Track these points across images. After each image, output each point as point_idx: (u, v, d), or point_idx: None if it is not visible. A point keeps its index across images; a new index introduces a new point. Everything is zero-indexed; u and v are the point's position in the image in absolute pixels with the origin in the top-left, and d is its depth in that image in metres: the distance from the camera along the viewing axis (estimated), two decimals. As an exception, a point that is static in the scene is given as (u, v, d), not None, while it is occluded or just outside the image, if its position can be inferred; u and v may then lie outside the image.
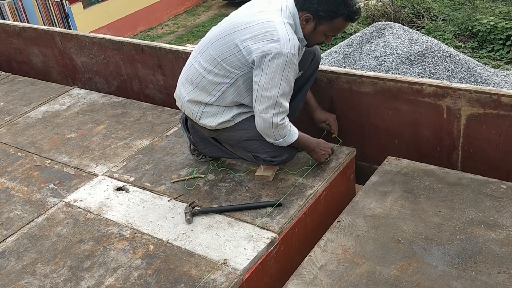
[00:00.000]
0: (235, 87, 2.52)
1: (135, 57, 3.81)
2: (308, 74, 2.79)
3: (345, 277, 2.11)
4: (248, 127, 2.61)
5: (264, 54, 2.35)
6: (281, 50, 2.33)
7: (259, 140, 2.62)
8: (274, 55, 2.34)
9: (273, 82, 2.38)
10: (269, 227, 2.40)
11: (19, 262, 2.40)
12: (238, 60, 2.44)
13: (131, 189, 2.78)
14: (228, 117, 2.60)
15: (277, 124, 2.48)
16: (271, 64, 2.35)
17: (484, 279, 2.02)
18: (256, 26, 2.40)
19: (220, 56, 2.48)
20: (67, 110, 3.72)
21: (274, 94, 2.41)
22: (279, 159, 2.63)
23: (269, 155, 2.63)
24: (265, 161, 2.66)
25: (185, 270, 2.23)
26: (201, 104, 2.60)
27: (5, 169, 3.12)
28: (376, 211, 2.44)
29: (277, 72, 2.36)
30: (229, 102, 2.57)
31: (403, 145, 2.96)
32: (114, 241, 2.44)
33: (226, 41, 2.46)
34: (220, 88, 2.53)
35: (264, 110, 2.45)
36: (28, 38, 4.49)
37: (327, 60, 9.00)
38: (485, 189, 2.48)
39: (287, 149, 2.63)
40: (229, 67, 2.47)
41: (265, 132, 2.53)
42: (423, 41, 8.56)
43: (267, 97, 2.42)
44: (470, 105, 2.64)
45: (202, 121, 2.63)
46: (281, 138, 2.55)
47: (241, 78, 2.48)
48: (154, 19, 15.04)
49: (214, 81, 2.53)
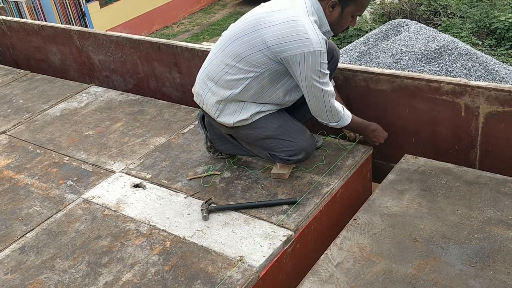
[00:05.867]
0: (259, 80, 2.51)
1: (152, 55, 3.84)
2: None
3: (361, 275, 2.10)
4: (266, 125, 2.62)
5: (298, 54, 2.38)
6: (314, 49, 2.37)
7: (276, 139, 2.62)
8: (308, 54, 2.37)
9: (313, 77, 2.43)
10: (285, 224, 2.41)
11: (38, 257, 2.43)
12: (266, 56, 2.43)
13: (148, 186, 2.80)
14: (246, 116, 2.60)
15: (330, 108, 2.56)
16: (307, 62, 2.39)
17: (503, 278, 2.00)
18: (284, 25, 2.40)
19: (245, 52, 2.47)
20: (85, 108, 3.76)
21: (316, 85, 2.47)
22: (296, 158, 2.64)
23: (286, 154, 2.63)
24: (282, 159, 2.66)
25: (202, 266, 2.24)
26: (221, 100, 2.60)
27: (24, 165, 3.17)
28: (393, 210, 2.43)
29: (315, 69, 2.41)
30: (249, 96, 2.56)
31: (420, 143, 2.94)
32: (131, 237, 2.46)
33: (252, 38, 2.46)
34: (243, 82, 2.52)
35: (315, 98, 2.51)
36: (46, 37, 4.54)
37: (342, 58, 8.96)
38: (504, 188, 2.45)
39: (304, 148, 2.63)
40: (254, 63, 2.47)
41: (320, 116, 2.61)
42: (440, 38, 8.48)
43: (314, 87, 2.48)
44: (489, 103, 2.61)
45: (220, 118, 2.64)
46: (336, 121, 2.63)
47: (267, 72, 2.49)
48: (169, 18, 15.10)
49: (236, 77, 2.52)
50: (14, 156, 3.28)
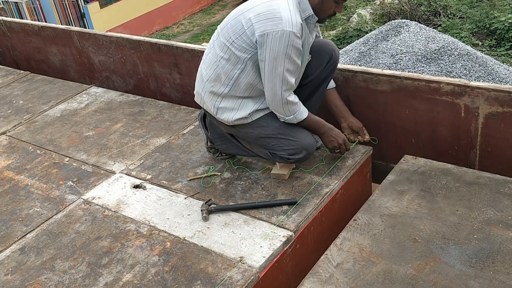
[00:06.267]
0: (246, 73, 2.54)
1: (152, 56, 3.84)
2: (324, 75, 2.78)
3: (361, 275, 2.11)
4: (266, 124, 2.63)
5: (266, 33, 2.40)
6: (283, 29, 2.38)
7: (277, 138, 2.63)
8: (276, 33, 2.38)
9: (277, 61, 2.43)
10: (285, 225, 2.41)
11: (39, 258, 2.43)
12: (244, 41, 2.47)
13: (148, 186, 2.81)
14: (245, 114, 2.61)
15: (286, 101, 2.53)
16: (273, 42, 2.40)
17: (502, 279, 2.01)
18: (260, 6, 2.46)
19: (228, 40, 2.52)
20: (85, 109, 3.76)
21: (279, 72, 2.46)
22: (296, 157, 2.64)
23: (286, 153, 2.63)
24: (282, 158, 2.66)
25: (202, 267, 2.24)
26: (217, 96, 2.62)
27: (24, 166, 3.17)
28: (393, 210, 2.43)
29: (279, 51, 2.41)
30: (243, 90, 2.59)
31: (420, 143, 2.94)
32: (131, 238, 2.47)
33: (234, 24, 2.52)
34: (232, 76, 2.56)
35: (273, 87, 2.50)
36: (46, 37, 4.54)
37: (342, 59, 8.97)
38: (503, 188, 2.46)
39: (305, 147, 2.63)
40: (237, 52, 2.50)
41: (276, 109, 2.58)
42: (439, 39, 8.48)
43: (273, 75, 2.47)
44: (488, 103, 2.61)
45: (220, 116, 2.66)
46: (291, 114, 2.59)
47: (249, 62, 2.51)
48: (169, 18, 15.11)
49: (226, 68, 2.56)
50: (14, 157, 3.28)
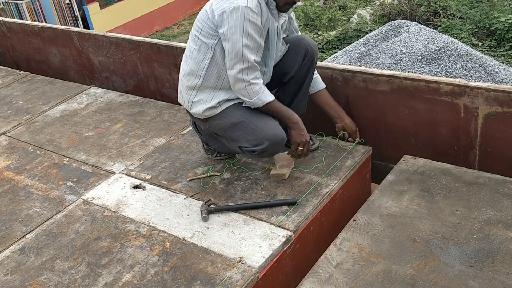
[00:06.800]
0: (215, 61, 2.59)
1: (152, 57, 3.84)
2: (304, 71, 2.78)
3: (360, 275, 2.11)
4: (232, 113, 2.63)
5: (223, 11, 2.47)
6: (238, 5, 2.44)
7: (240, 127, 2.60)
8: (231, 10, 2.45)
9: (236, 36, 2.46)
10: (284, 225, 2.41)
11: (38, 258, 2.44)
12: (209, 27, 2.54)
13: (148, 187, 2.81)
14: (214, 103, 2.63)
15: (248, 81, 2.52)
16: (230, 18, 2.45)
17: (502, 278, 2.01)
18: None
19: (197, 30, 2.60)
20: (85, 109, 3.76)
21: (238, 48, 2.47)
22: (259, 148, 2.58)
23: (250, 144, 2.59)
24: (248, 151, 2.63)
25: (201, 267, 2.24)
26: (192, 90, 2.67)
27: (24, 166, 3.17)
28: (392, 210, 2.43)
29: (237, 26, 2.45)
30: (214, 81, 2.62)
31: (420, 144, 2.94)
32: (131, 238, 2.47)
33: (200, 14, 2.61)
34: (204, 66, 2.60)
35: (234, 66, 2.51)
36: (46, 38, 4.55)
37: (342, 59, 8.97)
38: (503, 189, 2.46)
39: (267, 136, 2.56)
40: (205, 39, 2.56)
41: (239, 91, 2.56)
42: (439, 39, 8.48)
43: (233, 53, 2.49)
44: (488, 103, 2.61)
45: (193, 110, 2.69)
46: (255, 96, 2.55)
47: (217, 48, 2.56)
48: (169, 19, 15.11)
49: (198, 59, 2.61)
50: (14, 157, 3.29)
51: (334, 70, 3.03)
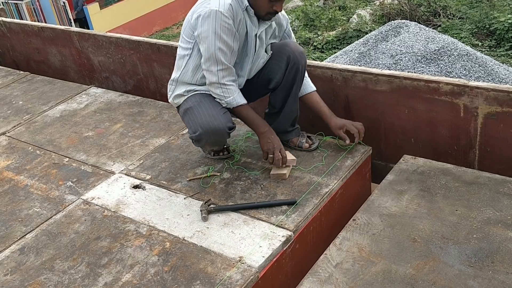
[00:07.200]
0: (193, 57, 2.68)
1: (152, 57, 3.84)
2: (291, 77, 2.76)
3: (360, 275, 2.11)
4: (189, 100, 2.72)
5: (199, 14, 2.56)
6: (210, 9, 2.52)
7: (189, 114, 2.69)
8: (204, 14, 2.53)
9: (209, 40, 2.54)
10: (284, 225, 2.41)
11: (38, 258, 2.43)
12: (190, 28, 2.64)
13: (147, 186, 2.81)
14: (182, 91, 2.74)
15: (222, 82, 2.60)
16: (203, 22, 2.54)
17: (502, 278, 2.01)
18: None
19: (183, 31, 2.71)
20: (85, 109, 3.76)
21: (212, 51, 2.55)
22: (195, 135, 2.64)
23: (191, 131, 2.68)
24: (191, 139, 2.72)
25: (201, 267, 2.24)
26: (173, 81, 2.79)
27: (24, 166, 3.17)
28: (392, 210, 2.43)
29: (209, 30, 2.53)
30: (190, 76, 2.71)
31: (420, 143, 2.94)
32: (131, 238, 2.47)
33: (187, 17, 2.69)
34: (184, 61, 2.72)
35: (209, 67, 2.59)
36: (46, 38, 4.55)
37: (342, 59, 8.98)
38: (503, 188, 2.46)
39: (200, 124, 2.60)
40: (187, 38, 2.68)
41: (213, 90, 2.65)
42: (439, 39, 8.49)
43: (207, 55, 2.57)
44: (488, 103, 2.61)
45: (170, 99, 2.83)
46: (227, 98, 2.63)
47: (196, 47, 2.66)
48: (169, 19, 15.13)
49: (181, 54, 2.74)
50: (14, 157, 3.29)
51: (333, 70, 3.03)
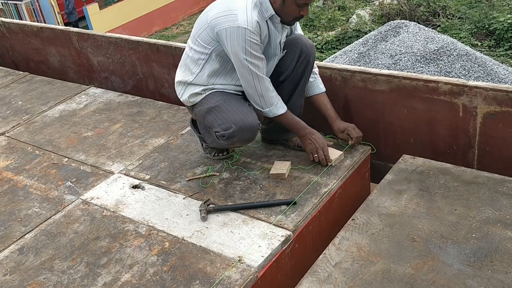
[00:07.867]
0: (210, 62, 2.67)
1: (151, 57, 3.84)
2: (300, 71, 2.78)
3: (359, 275, 2.11)
4: (211, 98, 2.70)
5: (224, 29, 2.53)
6: (238, 26, 2.49)
7: (214, 112, 2.67)
8: (231, 30, 2.50)
9: (239, 55, 2.53)
10: (283, 225, 2.41)
11: (37, 258, 2.43)
12: (208, 35, 2.61)
13: (147, 186, 2.81)
14: (199, 89, 2.71)
15: (260, 93, 2.63)
16: (231, 38, 2.52)
17: (501, 278, 2.01)
18: (223, 5, 2.59)
19: (197, 33, 2.68)
20: (84, 109, 3.76)
21: (245, 66, 2.56)
22: (228, 132, 2.61)
23: (221, 128, 2.63)
24: (220, 137, 2.67)
25: (200, 267, 2.24)
26: (185, 83, 2.76)
27: (23, 167, 3.17)
28: (391, 210, 2.43)
29: (239, 46, 2.51)
30: (206, 79, 2.70)
31: (419, 143, 2.95)
32: (130, 238, 2.47)
33: (201, 20, 2.67)
34: (199, 64, 2.69)
35: (246, 81, 2.61)
36: (45, 38, 4.55)
37: (341, 59, 8.98)
38: (502, 188, 2.46)
39: (234, 121, 2.60)
40: (203, 43, 2.64)
41: (253, 99, 2.67)
42: (439, 39, 8.50)
43: (242, 67, 2.57)
44: (487, 103, 2.62)
45: (183, 98, 2.80)
46: (267, 108, 2.67)
47: (214, 53, 2.64)
48: (169, 19, 15.13)
49: (194, 58, 2.70)
50: (13, 158, 3.29)
51: (333, 69, 3.03)
